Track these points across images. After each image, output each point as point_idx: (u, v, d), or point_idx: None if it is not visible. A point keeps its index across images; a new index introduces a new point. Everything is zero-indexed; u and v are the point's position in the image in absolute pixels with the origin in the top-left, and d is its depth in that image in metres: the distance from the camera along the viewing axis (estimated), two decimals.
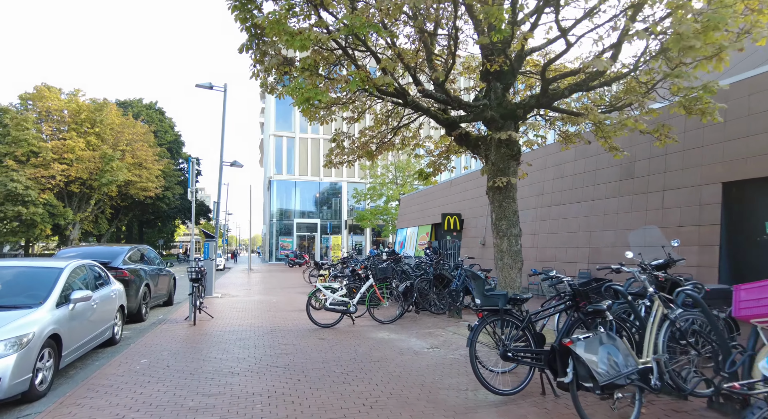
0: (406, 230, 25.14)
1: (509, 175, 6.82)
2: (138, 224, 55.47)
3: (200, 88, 14.05)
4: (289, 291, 14.55)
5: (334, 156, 8.36)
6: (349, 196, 44.64)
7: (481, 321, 4.33)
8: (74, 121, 31.14)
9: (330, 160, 8.45)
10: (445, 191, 20.73)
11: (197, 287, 8.18)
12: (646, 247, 9.26)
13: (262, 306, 10.81)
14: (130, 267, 8.90)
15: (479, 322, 4.33)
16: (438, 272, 8.65)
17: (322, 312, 8.38)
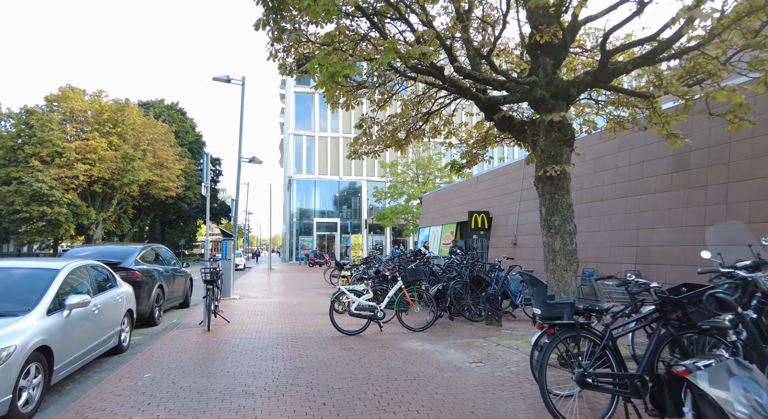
0: (429, 229, 24.24)
1: (562, 162, 5.92)
2: (160, 224, 56.09)
3: (218, 82, 13.51)
4: (310, 293, 13.88)
5: (358, 145, 7.58)
6: (369, 195, 43.99)
7: (552, 339, 3.46)
8: (97, 121, 31.36)
9: (354, 150, 7.67)
10: (471, 188, 19.77)
11: (212, 290, 7.53)
12: (726, 246, 8.17)
13: (281, 309, 10.14)
14: (142, 268, 8.33)
15: (550, 339, 3.47)
16: (475, 274, 7.78)
17: (346, 316, 7.64)
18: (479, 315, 7.80)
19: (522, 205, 15.38)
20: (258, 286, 16.55)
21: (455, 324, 7.76)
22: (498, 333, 7.14)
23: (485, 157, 8.52)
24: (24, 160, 28.65)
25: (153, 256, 9.52)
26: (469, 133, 8.63)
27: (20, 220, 27.94)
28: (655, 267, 10.32)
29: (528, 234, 14.86)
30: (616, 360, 3.41)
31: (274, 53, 6.44)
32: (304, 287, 16.03)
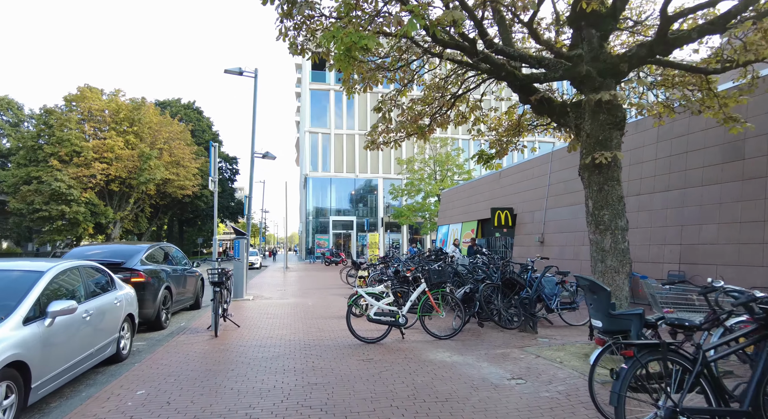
0: (448, 227, 23.45)
1: (612, 148, 5.13)
2: (178, 223, 56.53)
3: (230, 75, 13.01)
4: (326, 293, 13.30)
5: (377, 134, 6.90)
6: (385, 193, 43.37)
7: (632, 364, 2.71)
8: (114, 120, 31.44)
9: (372, 139, 6.99)
10: (493, 184, 18.91)
11: (219, 292, 6.96)
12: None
13: (296, 311, 9.55)
14: (147, 269, 7.83)
15: (628, 364, 2.72)
16: (507, 276, 7.02)
17: (364, 321, 6.99)
18: (511, 320, 7.06)
19: (550, 200, 14.50)
20: (273, 286, 16.06)
21: (485, 331, 7.02)
22: (535, 342, 6.38)
23: (518, 146, 7.73)
24: (43, 160, 28.87)
25: (162, 256, 9.03)
26: (499, 120, 7.86)
27: (40, 219, 28.15)
28: (703, 267, 9.37)
29: (556, 232, 13.98)
30: (714, 392, 2.66)
31: (284, 31, 5.81)
32: (320, 287, 15.47)
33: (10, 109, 43.71)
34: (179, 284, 9.19)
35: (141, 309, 7.39)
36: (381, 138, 6.94)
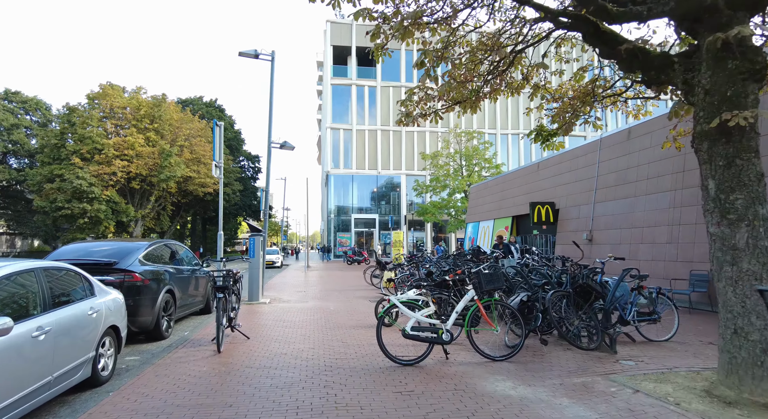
0: (478, 224, 21.96)
1: (748, 105, 3.70)
2: (201, 221, 56.58)
3: (244, 57, 11.95)
4: (349, 295, 12.10)
5: (413, 104, 5.57)
6: (408, 190, 42.05)
7: None
8: (134, 117, 31.16)
9: (406, 111, 5.66)
10: (531, 176, 17.34)
11: (224, 298, 5.80)
12: None
13: (316, 318, 8.36)
14: (146, 270, 6.77)
15: None
16: (581, 281, 5.60)
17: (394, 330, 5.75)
18: (578, 336, 5.62)
19: (599, 193, 12.90)
20: (292, 287, 14.98)
21: (549, 350, 5.64)
22: (618, 366, 4.97)
23: (589, 119, 6.29)
24: (66, 158, 28.76)
25: (166, 254, 7.98)
26: (564, 87, 6.43)
27: (63, 217, 28.05)
28: None
29: (607, 228, 12.38)
30: None
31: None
32: (343, 288, 14.30)
33: (39, 110, 44.35)
34: (185, 287, 8.12)
35: (136, 317, 6.34)
36: (418, 108, 5.61)
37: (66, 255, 6.62)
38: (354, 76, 42.26)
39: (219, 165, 7.92)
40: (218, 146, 8.10)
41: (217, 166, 7.90)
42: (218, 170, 7.83)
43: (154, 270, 7.01)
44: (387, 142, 42.44)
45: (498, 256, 9.72)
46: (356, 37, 42.21)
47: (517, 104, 45.04)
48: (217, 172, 7.82)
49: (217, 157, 7.94)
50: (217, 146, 8.11)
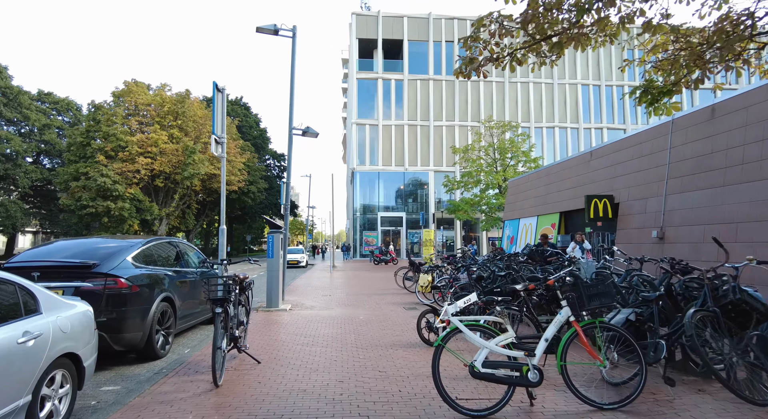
0: (518, 222, 20.11)
1: None
2: (228, 220, 56.44)
3: (262, 34, 10.66)
4: (380, 301, 10.63)
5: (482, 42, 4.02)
6: (436, 187, 40.34)
7: None
8: (158, 113, 30.70)
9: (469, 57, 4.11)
10: (582, 167, 15.42)
11: (224, 314, 4.38)
12: None
13: (344, 333, 6.93)
14: (137, 273, 5.47)
15: None
16: (735, 297, 3.89)
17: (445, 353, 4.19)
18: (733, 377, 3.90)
19: (672, 184, 10.95)
20: (317, 290, 13.64)
21: (677, 393, 3.98)
22: None
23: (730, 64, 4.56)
24: (92, 156, 28.53)
25: (168, 254, 6.70)
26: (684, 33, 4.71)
27: (88, 215, 27.80)
28: None
29: (685, 224, 10.44)
30: None
31: None
32: (372, 292, 12.85)
33: (70, 110, 44.95)
34: (190, 294, 6.82)
35: (120, 333, 5.05)
36: (486, 51, 4.05)
37: (35, 256, 5.40)
38: (380, 70, 40.85)
39: (221, 140, 6.34)
40: (219, 117, 6.31)
41: (219, 142, 6.38)
42: (220, 147, 6.32)
43: (148, 274, 5.71)
44: (414, 138, 40.85)
45: (570, 258, 8.02)
46: (382, 30, 40.81)
47: (553, 92, 42.64)
48: (218, 149, 6.29)
49: (218, 130, 6.23)
50: (218, 117, 6.31)
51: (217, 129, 5.96)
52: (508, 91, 42.33)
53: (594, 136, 44.54)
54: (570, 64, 43.53)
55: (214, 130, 5.83)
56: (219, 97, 5.89)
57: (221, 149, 6.13)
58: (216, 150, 6.18)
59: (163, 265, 6.38)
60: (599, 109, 44.78)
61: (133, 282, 5.30)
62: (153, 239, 6.48)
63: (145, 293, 5.49)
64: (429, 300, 10.51)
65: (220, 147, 6.16)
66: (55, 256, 5.33)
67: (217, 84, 5.84)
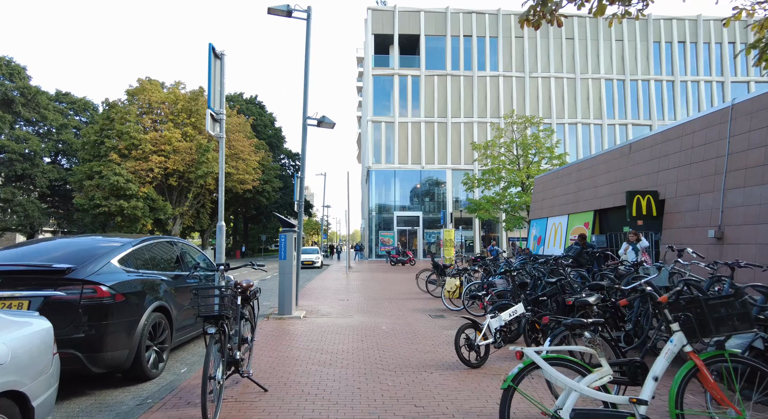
0: (546, 221, 18.91)
1: None
2: (243, 220, 56.15)
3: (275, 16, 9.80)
4: (402, 307, 9.65)
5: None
6: (454, 185, 39.18)
7: None
8: (171, 111, 30.28)
9: None
10: (620, 161, 14.18)
11: (219, 335, 3.42)
12: None
13: (366, 348, 5.98)
14: (123, 280, 4.61)
15: None
16: None
17: None
18: None
19: (732, 177, 9.72)
20: (333, 293, 12.74)
21: None
22: None
23: None
24: (105, 154, 28.23)
25: (165, 256, 5.84)
26: None
27: (101, 215, 27.50)
28: None
29: (749, 222, 9.20)
30: None
31: None
32: (393, 296, 11.88)
33: (87, 110, 45.09)
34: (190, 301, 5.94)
35: (100, 352, 4.18)
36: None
37: (2, 259, 4.56)
38: (396, 66, 39.86)
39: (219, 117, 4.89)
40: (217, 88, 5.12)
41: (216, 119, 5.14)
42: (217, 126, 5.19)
43: (139, 280, 4.84)
44: (431, 135, 39.73)
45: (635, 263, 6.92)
46: (399, 25, 39.82)
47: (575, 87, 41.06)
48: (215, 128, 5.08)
49: (215, 103, 5.15)
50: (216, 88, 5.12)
51: (213, 102, 4.87)
52: (528, 86, 40.89)
53: (618, 132, 42.79)
54: (593, 58, 41.88)
55: (210, 104, 4.80)
56: (217, 64, 4.79)
57: (219, 128, 5.08)
58: (213, 128, 5.04)
59: (160, 269, 5.51)
60: (623, 104, 42.96)
61: (118, 290, 4.43)
62: (148, 238, 5.62)
63: (134, 302, 4.61)
64: (457, 306, 9.51)
65: (217, 125, 5.10)
66: (26, 259, 4.49)
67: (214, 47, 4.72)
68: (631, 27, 42.05)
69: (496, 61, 40.78)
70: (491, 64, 40.75)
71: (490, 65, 40.70)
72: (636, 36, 42.10)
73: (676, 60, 42.45)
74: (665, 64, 42.82)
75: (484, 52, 40.52)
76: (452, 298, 9.86)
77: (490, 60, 40.70)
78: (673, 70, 42.32)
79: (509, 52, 40.92)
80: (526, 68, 41.08)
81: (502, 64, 40.81)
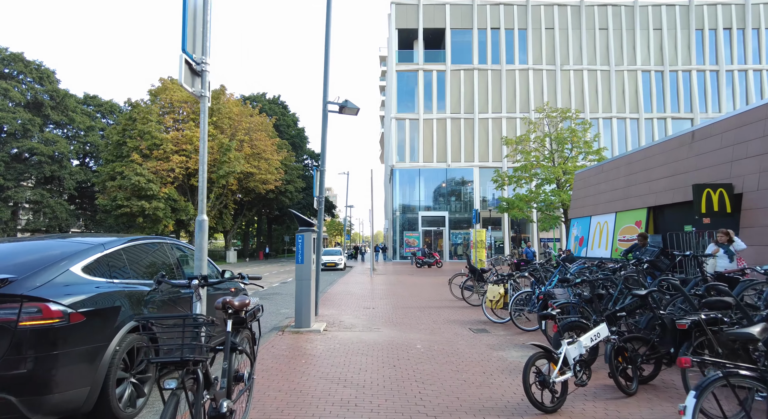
0: (589, 220, 17.25)
1: None
2: (267, 221, 55.85)
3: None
4: (437, 318, 8.37)
5: None
6: (482, 184, 37.55)
7: None
8: (193, 110, 29.87)
9: None
10: (679, 151, 12.48)
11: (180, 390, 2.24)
12: None
13: (399, 377, 4.76)
14: (88, 294, 3.52)
15: None
16: None
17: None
18: None
19: None
20: (357, 300, 11.56)
21: None
22: None
23: None
24: (127, 155, 28.02)
25: (156, 261, 4.77)
26: None
27: (123, 215, 27.26)
28: None
29: None
30: None
31: None
32: (424, 303, 10.61)
33: (114, 112, 45.59)
34: None
35: (46, 395, 3.09)
36: None
37: None
38: (421, 61, 38.55)
39: (199, 68, 3.57)
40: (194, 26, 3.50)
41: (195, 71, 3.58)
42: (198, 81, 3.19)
43: (109, 293, 3.75)
44: (457, 132, 38.19)
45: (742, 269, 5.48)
46: (423, 18, 38.51)
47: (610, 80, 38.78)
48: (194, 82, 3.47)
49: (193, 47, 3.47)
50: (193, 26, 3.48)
51: (190, 44, 3.31)
52: (560, 79, 38.86)
53: (656, 126, 40.25)
54: (629, 49, 39.47)
55: (186, 47, 3.25)
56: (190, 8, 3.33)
57: (200, 84, 3.71)
58: (190, 82, 3.53)
59: (146, 276, 4.43)
60: (662, 97, 40.35)
61: (76, 308, 3.34)
62: (132, 239, 4.55)
63: (99, 323, 3.52)
64: (501, 318, 8.17)
65: (198, 80, 3.61)
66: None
67: None
68: (671, 14, 39.49)
69: (526, 54, 38.94)
70: (520, 57, 38.94)
71: (519, 58, 38.90)
72: (676, 24, 39.46)
73: (721, 48, 39.56)
74: (709, 53, 39.97)
75: (513, 45, 38.74)
76: (494, 308, 8.52)
77: (519, 53, 38.89)
78: (718, 58, 39.47)
79: (539, 44, 39.00)
80: (557, 61, 39.07)
81: (531, 56, 38.93)
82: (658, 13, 39.51)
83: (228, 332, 2.91)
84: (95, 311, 3.50)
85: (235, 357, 3.06)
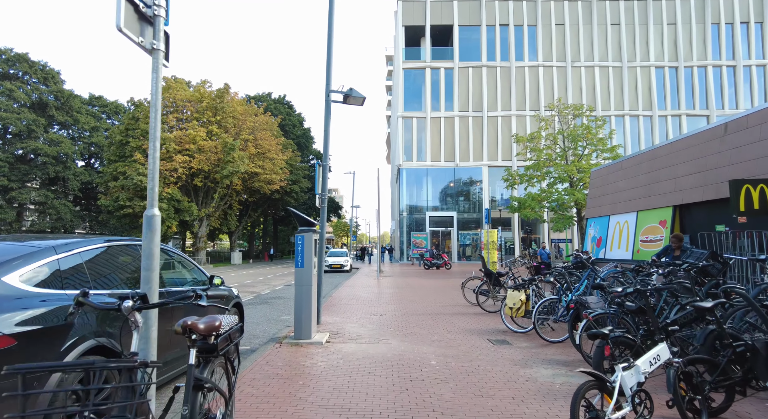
0: (607, 219, 16.37)
1: None
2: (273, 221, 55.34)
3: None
4: (451, 327, 7.60)
5: None
6: (491, 183, 36.66)
7: None
8: (196, 109, 29.35)
9: None
10: (709, 146, 11.60)
11: None
12: None
13: (413, 406, 4.02)
14: (27, 310, 2.82)
15: None
16: None
17: None
18: None
19: None
20: (363, 305, 10.82)
21: None
22: None
23: None
24: (130, 155, 27.56)
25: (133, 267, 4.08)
26: None
27: (126, 216, 26.78)
28: None
29: None
30: None
31: None
32: (435, 309, 9.84)
33: (118, 113, 45.32)
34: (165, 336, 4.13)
35: None
36: None
37: None
38: (428, 58, 37.76)
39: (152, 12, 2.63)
40: None
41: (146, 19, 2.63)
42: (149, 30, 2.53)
43: (54, 310, 3.03)
44: (465, 130, 37.34)
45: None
46: (430, 15, 37.74)
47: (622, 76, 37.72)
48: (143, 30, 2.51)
49: None
50: None
51: None
52: (571, 76, 37.85)
53: (671, 124, 39.09)
54: (641, 45, 38.37)
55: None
56: None
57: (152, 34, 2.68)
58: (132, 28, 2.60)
59: (113, 286, 3.74)
60: (676, 93, 39.15)
61: (5, 330, 2.63)
62: (94, 240, 3.85)
63: (36, 347, 2.81)
64: (522, 327, 7.40)
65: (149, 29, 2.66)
66: None
67: None
68: (686, 8, 38.34)
69: (535, 51, 38.00)
70: (530, 53, 38.00)
71: (528, 55, 37.96)
72: (691, 18, 38.28)
73: (739, 42, 38.30)
74: (725, 48, 38.72)
75: (522, 42, 37.82)
76: (514, 316, 7.73)
77: (529, 49, 37.95)
78: (735, 54, 38.23)
79: (549, 40, 38.04)
80: (568, 57, 38.08)
81: (541, 53, 37.98)
82: (672, 7, 38.37)
83: (190, 365, 2.19)
84: (33, 332, 2.79)
85: (203, 396, 2.33)
